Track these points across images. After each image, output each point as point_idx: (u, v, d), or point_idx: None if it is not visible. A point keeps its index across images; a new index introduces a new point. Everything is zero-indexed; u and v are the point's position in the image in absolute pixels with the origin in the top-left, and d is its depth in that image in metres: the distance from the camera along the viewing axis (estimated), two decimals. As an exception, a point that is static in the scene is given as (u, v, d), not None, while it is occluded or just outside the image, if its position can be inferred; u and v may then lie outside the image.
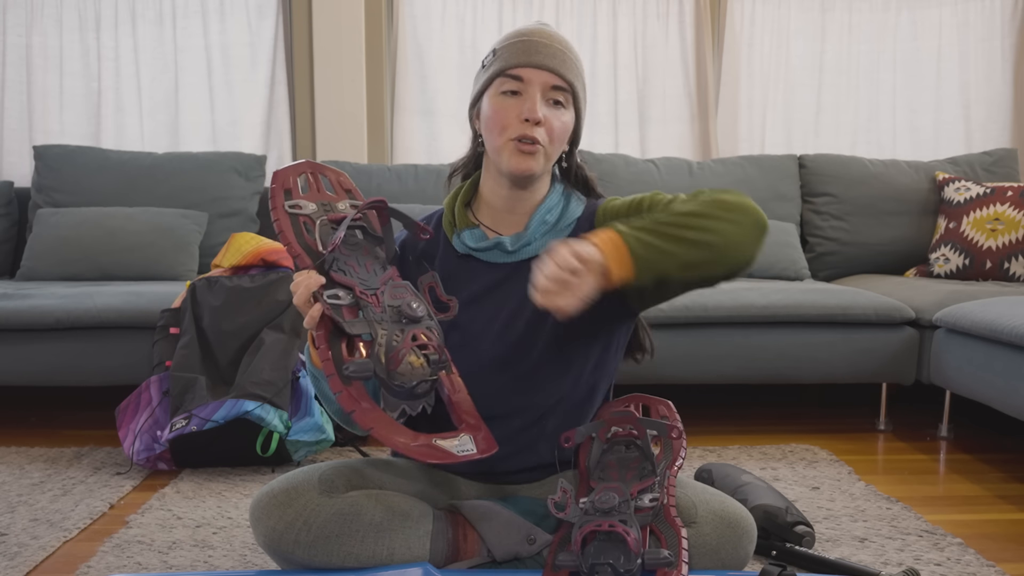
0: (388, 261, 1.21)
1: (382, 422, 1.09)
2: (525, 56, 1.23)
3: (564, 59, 1.24)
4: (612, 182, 3.05)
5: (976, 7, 3.43)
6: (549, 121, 1.23)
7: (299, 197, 1.23)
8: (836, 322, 2.42)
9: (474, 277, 1.31)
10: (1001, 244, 2.83)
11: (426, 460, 1.08)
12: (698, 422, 2.54)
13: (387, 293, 1.14)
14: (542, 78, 1.22)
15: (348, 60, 3.28)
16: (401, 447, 1.08)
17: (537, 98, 1.22)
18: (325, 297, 1.12)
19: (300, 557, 1.20)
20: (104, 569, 1.48)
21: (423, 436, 1.11)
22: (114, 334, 2.33)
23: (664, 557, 1.13)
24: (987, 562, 1.54)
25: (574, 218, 1.32)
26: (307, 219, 1.21)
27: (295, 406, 2.09)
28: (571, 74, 1.25)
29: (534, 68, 1.22)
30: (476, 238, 1.30)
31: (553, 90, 1.23)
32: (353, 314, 1.13)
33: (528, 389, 1.28)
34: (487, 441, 1.15)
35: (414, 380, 1.09)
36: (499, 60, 1.25)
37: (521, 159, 1.23)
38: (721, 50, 3.45)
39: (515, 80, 1.23)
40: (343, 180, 1.29)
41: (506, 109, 1.23)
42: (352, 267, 1.17)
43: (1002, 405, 2.07)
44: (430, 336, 1.12)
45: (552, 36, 1.26)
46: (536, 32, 1.26)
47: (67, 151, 3.04)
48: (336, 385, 1.09)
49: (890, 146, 3.46)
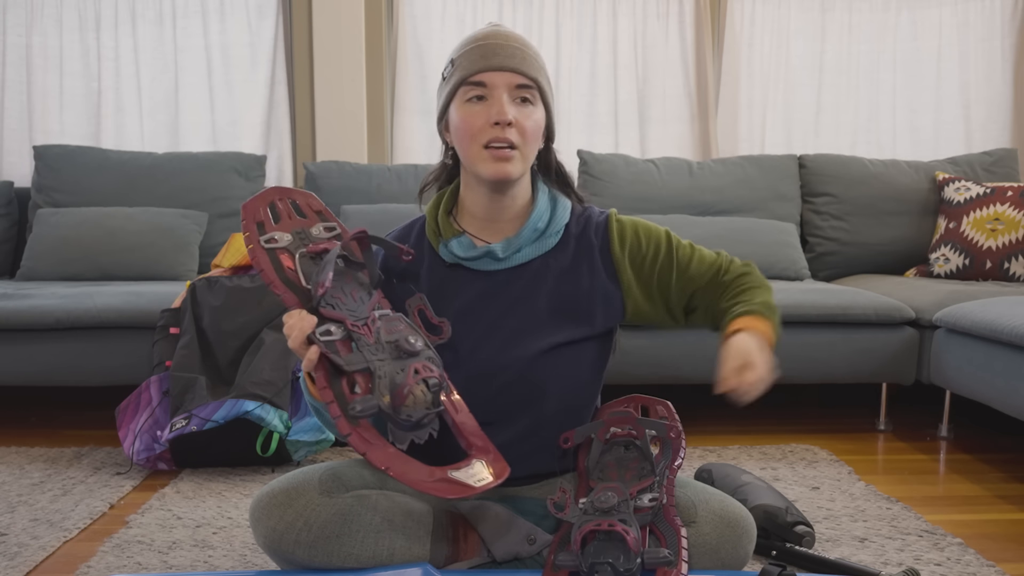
0: (372, 285, 1.20)
1: (396, 460, 1.09)
2: (484, 60, 1.21)
3: (524, 57, 1.23)
4: (612, 182, 3.05)
5: (976, 7, 3.43)
6: (520, 121, 1.22)
7: (272, 229, 1.22)
8: (836, 322, 2.42)
9: (465, 286, 1.29)
10: (1001, 244, 2.83)
11: (446, 496, 1.07)
12: (698, 422, 2.54)
13: (382, 328, 1.13)
14: (505, 79, 1.21)
15: (348, 60, 3.28)
16: (419, 485, 1.07)
17: (504, 99, 1.20)
18: (318, 335, 1.12)
19: (300, 557, 1.20)
20: (104, 569, 1.48)
21: (438, 471, 1.10)
22: (114, 334, 2.33)
23: (664, 556, 1.13)
24: (987, 562, 1.54)
25: (562, 224, 1.31)
26: (284, 252, 1.20)
27: (295, 406, 2.09)
28: (533, 70, 1.23)
29: (495, 71, 1.21)
30: (465, 247, 1.28)
31: (518, 88, 1.22)
32: (347, 348, 1.12)
33: (529, 395, 1.28)
34: (499, 464, 1.14)
35: (420, 413, 1.09)
36: (459, 69, 1.23)
37: (498, 165, 1.22)
38: (721, 50, 3.45)
39: (478, 86, 1.21)
40: (312, 202, 1.27)
41: (474, 116, 1.21)
42: (339, 299, 1.16)
43: (1002, 405, 2.07)
44: (430, 367, 1.11)
45: (507, 36, 1.24)
46: (491, 35, 1.24)
47: (67, 151, 3.04)
48: (344, 427, 1.09)
49: (890, 146, 3.47)
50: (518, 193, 1.29)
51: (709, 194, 3.09)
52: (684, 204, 3.07)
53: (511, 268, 1.29)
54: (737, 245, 2.91)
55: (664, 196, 3.07)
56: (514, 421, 1.25)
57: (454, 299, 1.28)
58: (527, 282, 1.29)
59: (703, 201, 3.08)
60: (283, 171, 3.38)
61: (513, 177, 1.24)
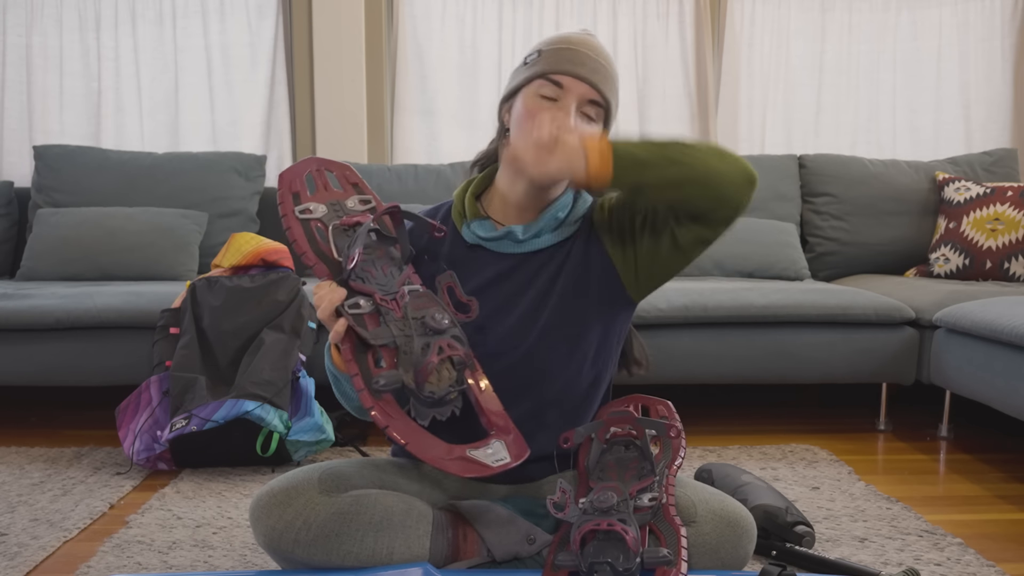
0: (404, 261, 1.21)
1: (416, 436, 1.09)
2: (569, 64, 1.23)
3: (605, 75, 1.25)
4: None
5: (976, 7, 3.43)
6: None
7: (308, 199, 1.23)
8: (836, 322, 2.42)
9: (483, 266, 1.31)
10: (1001, 244, 2.83)
11: (463, 474, 1.08)
12: (698, 422, 2.54)
13: (410, 304, 1.14)
14: (581, 89, 1.23)
15: (348, 60, 3.28)
16: (436, 461, 1.08)
17: (572, 108, 1.23)
18: (347, 308, 1.13)
19: (300, 557, 1.20)
20: (104, 569, 1.48)
21: (457, 448, 1.10)
22: (114, 334, 2.33)
23: (663, 556, 1.13)
24: (987, 562, 1.54)
25: (580, 215, 1.34)
26: (319, 223, 1.21)
27: (295, 406, 2.09)
28: (609, 91, 1.26)
29: (576, 78, 1.23)
30: (486, 228, 1.31)
31: (589, 104, 1.24)
32: (375, 322, 1.13)
33: (531, 377, 1.29)
34: (518, 445, 1.14)
35: (443, 390, 1.10)
36: (543, 62, 1.25)
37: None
38: (721, 50, 3.45)
39: (555, 86, 1.24)
40: (349, 174, 1.29)
41: (541, 111, 1.24)
42: (370, 273, 1.17)
43: (1002, 405, 2.07)
44: (455, 345, 1.12)
45: (597, 49, 1.26)
46: (583, 43, 1.26)
47: (67, 151, 3.04)
48: (367, 400, 1.10)
49: (890, 146, 3.47)
50: (555, 190, 1.32)
51: (709, 194, 3.08)
52: (684, 204, 3.07)
53: (529, 252, 1.31)
54: (737, 245, 2.91)
55: (664, 196, 3.07)
56: (518, 402, 1.25)
57: (471, 279, 1.31)
58: (543, 267, 1.31)
59: (703, 201, 3.08)
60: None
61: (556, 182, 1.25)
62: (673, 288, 2.46)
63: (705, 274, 2.89)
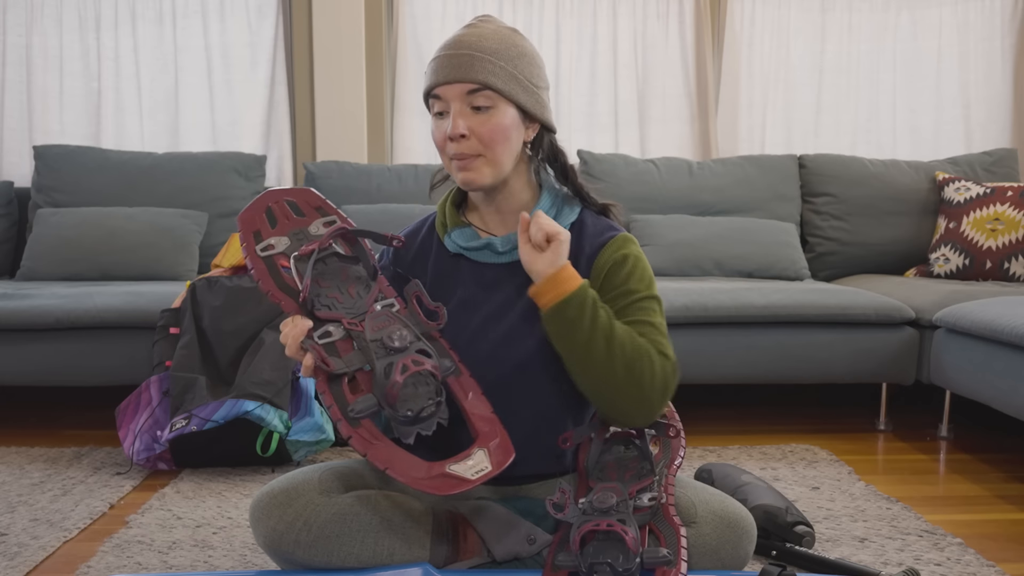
0: (370, 277, 1.20)
1: (396, 459, 1.08)
2: (435, 75, 1.24)
3: (472, 62, 1.22)
4: (612, 182, 3.05)
5: (976, 7, 3.43)
6: (475, 129, 1.22)
7: (270, 235, 1.21)
8: (836, 322, 2.42)
9: (466, 276, 1.30)
10: (1001, 244, 2.83)
11: (443, 493, 1.07)
12: (698, 422, 2.54)
13: (368, 327, 1.13)
14: (455, 91, 1.22)
15: (348, 60, 3.28)
16: (416, 483, 1.07)
17: (457, 114, 1.22)
18: (316, 337, 1.12)
19: (300, 557, 1.20)
20: (104, 569, 1.48)
21: (436, 466, 1.09)
22: (114, 334, 2.33)
23: (663, 556, 1.13)
24: (987, 562, 1.54)
25: (567, 223, 1.30)
26: (282, 257, 1.19)
27: (295, 406, 2.09)
28: (481, 74, 1.21)
29: (445, 84, 1.22)
30: (467, 237, 1.30)
31: (470, 95, 1.22)
32: (348, 347, 1.12)
33: (522, 388, 1.27)
34: (502, 450, 1.12)
35: (419, 406, 1.09)
36: (425, 83, 1.27)
37: (464, 175, 1.24)
38: (721, 50, 3.45)
39: (438, 100, 1.24)
40: (310, 198, 1.27)
41: (437, 131, 1.26)
42: (335, 298, 1.16)
43: (1002, 405, 2.07)
44: (421, 360, 1.10)
45: (463, 42, 1.24)
46: (451, 43, 1.25)
47: (67, 151, 3.04)
48: (346, 429, 1.09)
49: (890, 146, 3.47)
50: (512, 190, 1.30)
51: (709, 194, 3.09)
52: (684, 204, 3.07)
53: (512, 263, 1.29)
54: (737, 245, 2.91)
55: (664, 196, 3.07)
56: (510, 413, 1.25)
57: (455, 289, 1.30)
58: (525, 278, 1.28)
59: (703, 201, 3.08)
60: (283, 171, 3.38)
61: (482, 184, 1.25)
62: (673, 288, 2.46)
63: (705, 274, 2.89)
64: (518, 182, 1.30)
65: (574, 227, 1.31)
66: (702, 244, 2.90)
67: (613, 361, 1.16)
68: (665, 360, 1.20)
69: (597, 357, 1.17)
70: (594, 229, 1.31)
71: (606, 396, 1.19)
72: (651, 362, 1.18)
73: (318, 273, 1.18)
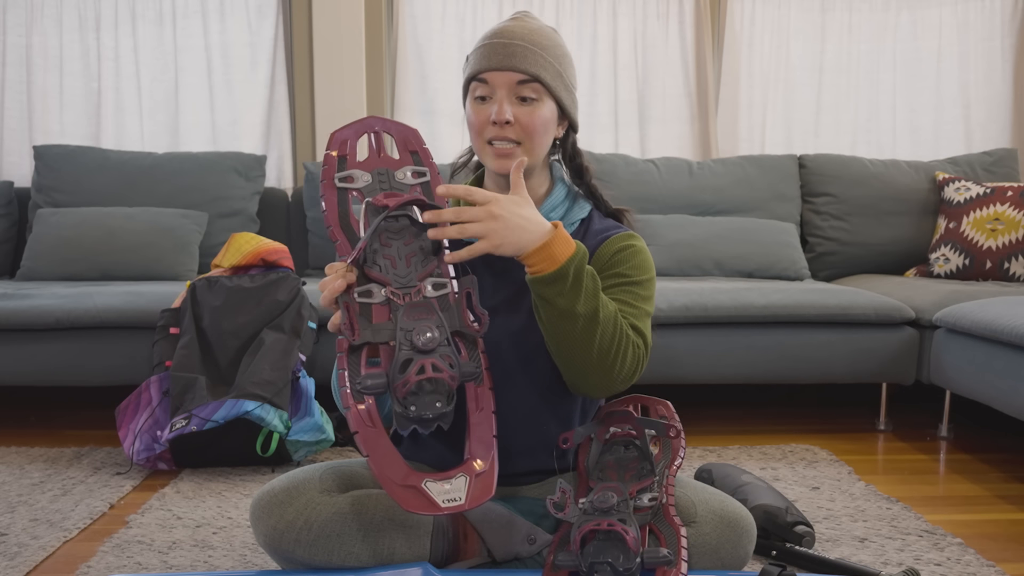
0: (433, 252, 1.14)
1: (380, 451, 1.05)
2: (486, 61, 1.25)
3: (526, 54, 1.24)
4: (612, 182, 3.04)
5: (976, 7, 3.43)
6: (520, 118, 1.24)
7: (355, 165, 1.17)
8: (836, 322, 2.42)
9: (474, 265, 1.30)
10: (1001, 244, 2.83)
11: (405, 507, 1.04)
12: (698, 422, 2.54)
13: (403, 313, 1.07)
14: (505, 79, 1.24)
15: (348, 60, 3.28)
16: (386, 483, 1.05)
17: (504, 100, 1.24)
18: (356, 295, 1.08)
19: (300, 557, 1.20)
20: (104, 569, 1.48)
21: (414, 475, 1.06)
22: (114, 334, 2.33)
23: (663, 556, 1.13)
24: (987, 562, 1.54)
25: (577, 219, 1.33)
26: (358, 194, 1.14)
27: (295, 406, 2.09)
28: (534, 67, 1.24)
29: (496, 71, 1.24)
30: None
31: (519, 86, 1.24)
32: (384, 314, 1.08)
33: (525, 383, 1.28)
34: (482, 487, 1.08)
35: (422, 410, 1.05)
36: (469, 66, 1.28)
37: (500, 161, 1.25)
38: (721, 50, 3.45)
39: (483, 84, 1.25)
40: (411, 138, 1.23)
41: (478, 113, 1.27)
42: (391, 261, 1.11)
43: (1002, 405, 2.07)
44: (440, 367, 1.06)
45: (515, 33, 1.26)
46: (501, 32, 1.26)
47: (67, 151, 3.04)
48: (346, 400, 1.06)
49: (890, 146, 3.46)
50: (534, 184, 1.31)
51: (709, 194, 3.09)
52: (684, 204, 3.07)
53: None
54: (737, 245, 2.91)
55: (664, 196, 3.07)
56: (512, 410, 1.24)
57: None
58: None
59: (703, 201, 3.08)
60: (283, 171, 3.38)
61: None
62: (673, 288, 2.46)
63: (705, 274, 2.89)
64: (539, 176, 1.33)
65: (582, 224, 1.33)
66: (702, 244, 2.90)
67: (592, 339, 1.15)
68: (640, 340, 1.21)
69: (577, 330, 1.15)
70: (600, 226, 1.33)
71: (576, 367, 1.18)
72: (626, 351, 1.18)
73: (383, 229, 1.12)
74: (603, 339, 1.15)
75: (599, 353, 1.16)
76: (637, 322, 1.23)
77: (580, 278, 1.14)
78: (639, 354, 1.21)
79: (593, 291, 1.15)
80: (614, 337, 1.16)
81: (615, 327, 1.17)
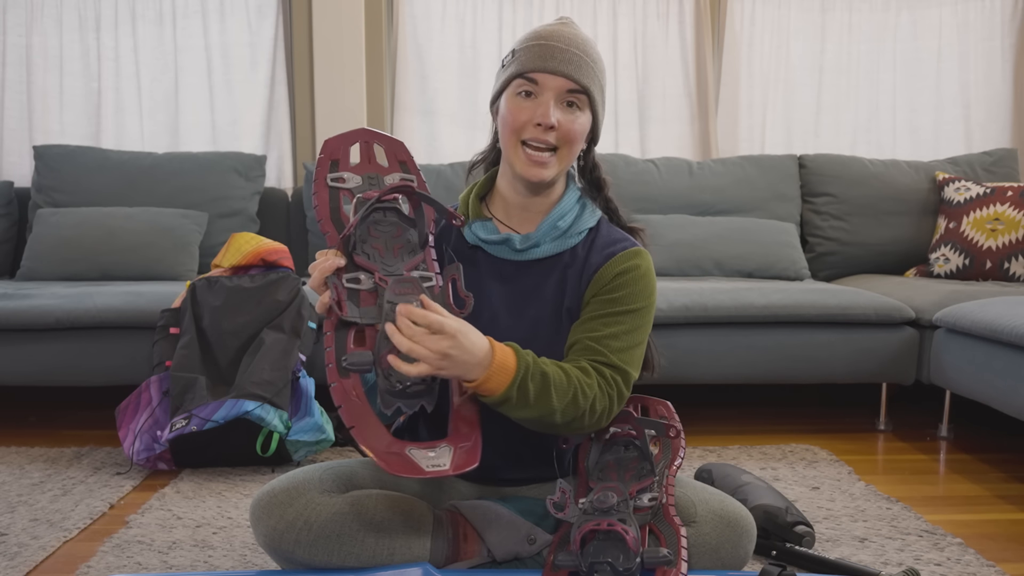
0: (419, 246, 1.18)
1: (362, 421, 1.08)
2: (541, 61, 1.23)
3: (580, 63, 1.24)
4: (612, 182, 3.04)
5: (976, 7, 3.43)
6: (563, 124, 1.23)
7: (347, 169, 1.21)
8: (836, 322, 2.42)
9: (481, 269, 1.31)
10: (1001, 244, 2.83)
11: (391, 471, 1.05)
12: (698, 422, 2.54)
13: (390, 287, 1.11)
14: (556, 83, 1.23)
15: (348, 60, 3.28)
16: (373, 452, 1.06)
17: (551, 103, 1.22)
18: (344, 281, 1.11)
19: (300, 557, 1.20)
20: (104, 569, 1.48)
21: (397, 443, 1.08)
22: (114, 334, 2.33)
23: (663, 556, 1.13)
24: (987, 562, 1.54)
25: (586, 227, 1.32)
26: (348, 193, 1.19)
27: (295, 406, 2.09)
28: (586, 78, 1.24)
29: (549, 74, 1.22)
30: (488, 230, 1.30)
31: (568, 93, 1.24)
32: (371, 300, 1.11)
33: None
34: (468, 455, 1.11)
35: (407, 381, 1.08)
36: (517, 62, 1.25)
37: (532, 169, 1.24)
38: (721, 50, 3.45)
39: (531, 83, 1.23)
40: (399, 150, 1.26)
41: (520, 110, 1.24)
42: (378, 251, 1.14)
43: (1002, 405, 2.07)
44: None
45: (570, 39, 1.25)
46: (555, 35, 1.25)
47: (67, 151, 3.04)
48: (332, 376, 1.09)
49: (890, 146, 3.46)
50: (552, 191, 1.31)
51: (709, 194, 3.09)
52: (684, 204, 3.07)
53: (528, 261, 1.30)
54: (737, 245, 2.91)
55: (664, 196, 3.07)
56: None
57: (469, 280, 1.29)
58: (539, 278, 1.30)
59: (703, 201, 3.08)
60: (283, 171, 3.38)
61: (546, 180, 1.26)
62: (673, 288, 2.46)
63: (705, 274, 2.89)
64: (559, 184, 1.32)
65: (589, 234, 1.32)
66: (702, 244, 2.90)
67: (552, 418, 1.15)
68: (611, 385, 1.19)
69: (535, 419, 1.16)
70: (607, 239, 1.32)
71: (547, 433, 1.21)
72: (593, 406, 1.17)
73: (373, 221, 1.16)
74: (565, 414, 1.15)
75: (564, 422, 1.16)
76: (617, 358, 1.21)
77: (525, 393, 1.13)
78: (611, 399, 1.20)
79: (542, 388, 1.13)
80: (576, 405, 1.16)
81: (575, 397, 1.16)
